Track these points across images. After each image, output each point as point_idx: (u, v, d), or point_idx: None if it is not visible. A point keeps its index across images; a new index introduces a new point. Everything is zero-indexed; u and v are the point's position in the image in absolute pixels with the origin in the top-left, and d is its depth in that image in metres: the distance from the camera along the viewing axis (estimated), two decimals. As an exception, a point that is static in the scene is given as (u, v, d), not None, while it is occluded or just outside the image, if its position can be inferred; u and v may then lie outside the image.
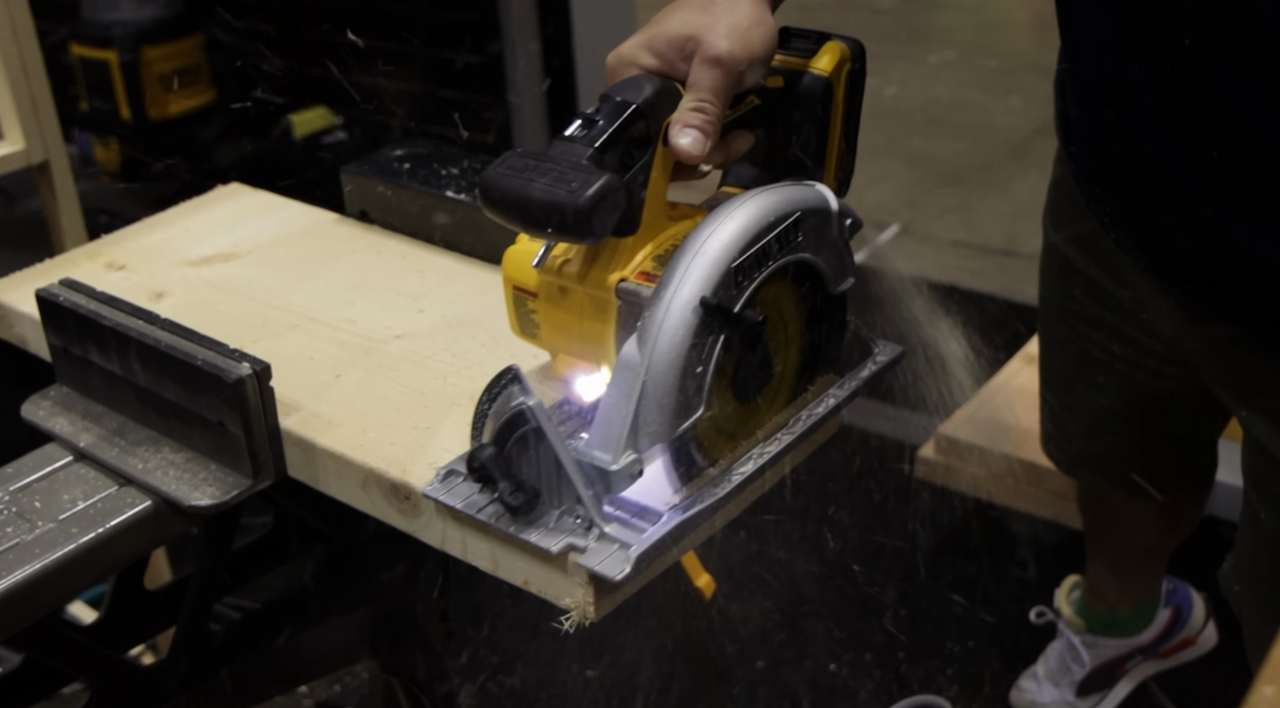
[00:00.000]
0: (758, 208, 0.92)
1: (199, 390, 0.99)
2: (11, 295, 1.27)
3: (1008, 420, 2.43)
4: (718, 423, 0.95)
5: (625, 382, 0.87)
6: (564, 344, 0.99)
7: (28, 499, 1.02)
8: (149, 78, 3.78)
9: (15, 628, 0.96)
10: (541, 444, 0.87)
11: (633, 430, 0.87)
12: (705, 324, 0.87)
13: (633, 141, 0.91)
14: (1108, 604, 2.11)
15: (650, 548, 0.87)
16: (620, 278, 0.93)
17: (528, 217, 0.88)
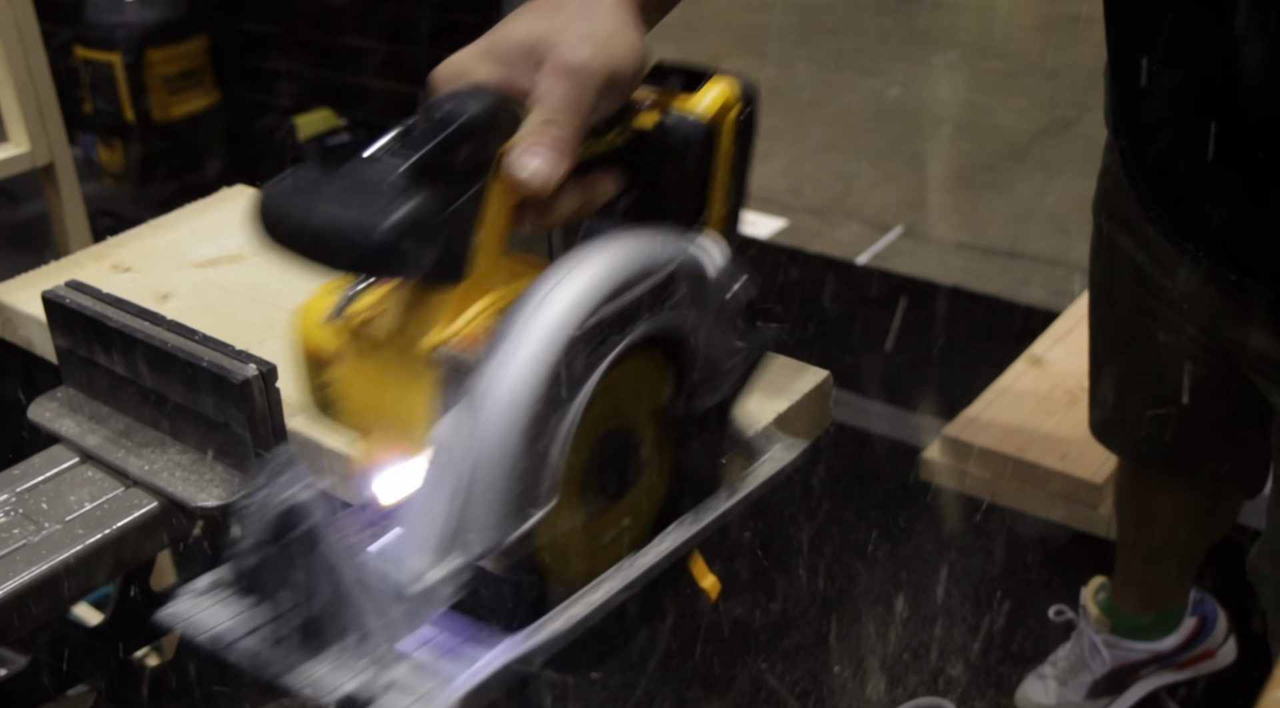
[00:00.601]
0: (613, 259, 0.71)
1: (205, 392, 0.99)
2: (16, 297, 1.27)
3: (1013, 422, 2.43)
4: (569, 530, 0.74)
5: (444, 461, 0.67)
6: (372, 423, 0.78)
7: (34, 501, 1.02)
8: (153, 80, 3.79)
9: (22, 629, 0.96)
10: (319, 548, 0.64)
11: (456, 529, 0.66)
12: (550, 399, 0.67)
13: (459, 167, 0.73)
14: (1135, 605, 2.10)
15: (469, 696, 0.66)
16: (440, 341, 0.73)
17: (314, 245, 0.70)
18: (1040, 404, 2.48)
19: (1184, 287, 1.41)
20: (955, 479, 2.44)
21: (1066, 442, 2.37)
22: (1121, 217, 1.50)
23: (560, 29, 0.79)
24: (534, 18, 0.81)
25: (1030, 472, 2.34)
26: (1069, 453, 2.33)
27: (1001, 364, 2.64)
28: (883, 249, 3.83)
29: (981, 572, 2.57)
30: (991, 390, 2.54)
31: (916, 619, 2.45)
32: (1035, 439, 2.38)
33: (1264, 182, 1.15)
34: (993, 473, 2.38)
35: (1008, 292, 3.57)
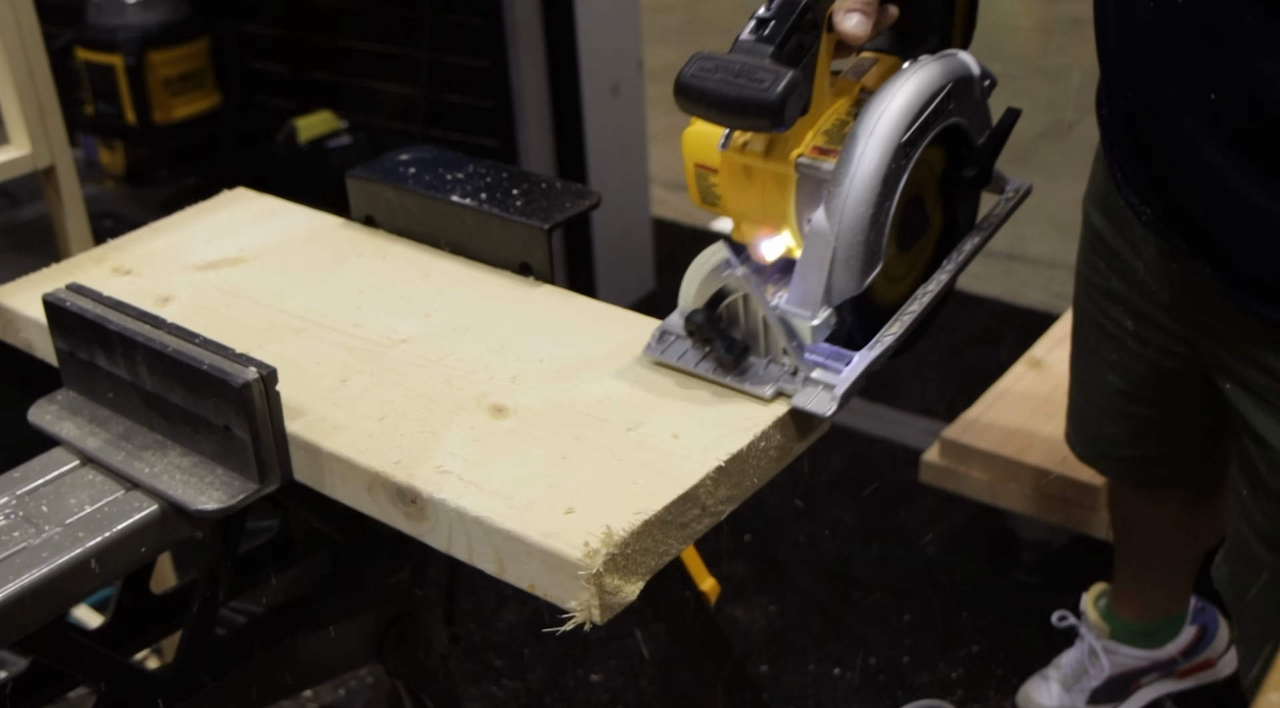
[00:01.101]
0: (917, 86, 1.04)
1: (205, 395, 1.00)
2: (18, 300, 1.27)
3: (1012, 424, 2.43)
4: (887, 271, 1.07)
5: (817, 249, 1.02)
6: (748, 213, 1.10)
7: (35, 503, 1.02)
8: (154, 82, 3.79)
9: (22, 632, 0.96)
10: (749, 306, 1.03)
11: (826, 290, 1.02)
12: (883, 192, 1.01)
13: (803, 32, 1.01)
14: (1133, 612, 2.10)
15: (850, 386, 1.02)
16: (799, 154, 1.04)
17: (727, 113, 1.00)
18: (1040, 407, 2.48)
19: (1151, 266, 1.43)
20: (955, 482, 2.44)
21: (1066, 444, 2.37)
22: (1102, 200, 1.52)
23: None
24: None
25: (1030, 474, 2.34)
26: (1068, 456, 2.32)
27: (1001, 367, 2.64)
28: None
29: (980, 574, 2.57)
30: (991, 393, 2.54)
31: (915, 622, 2.46)
32: (1035, 442, 2.38)
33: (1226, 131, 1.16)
34: (992, 476, 2.38)
35: (1008, 294, 3.57)
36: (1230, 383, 1.36)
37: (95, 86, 3.84)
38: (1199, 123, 1.18)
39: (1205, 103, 1.17)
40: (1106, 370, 1.64)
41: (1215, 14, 1.13)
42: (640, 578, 0.92)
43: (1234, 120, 1.16)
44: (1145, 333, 1.53)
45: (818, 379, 1.02)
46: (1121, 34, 1.26)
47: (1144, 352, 1.55)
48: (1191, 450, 1.72)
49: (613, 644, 2.41)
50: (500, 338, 1.16)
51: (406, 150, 1.40)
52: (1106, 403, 1.68)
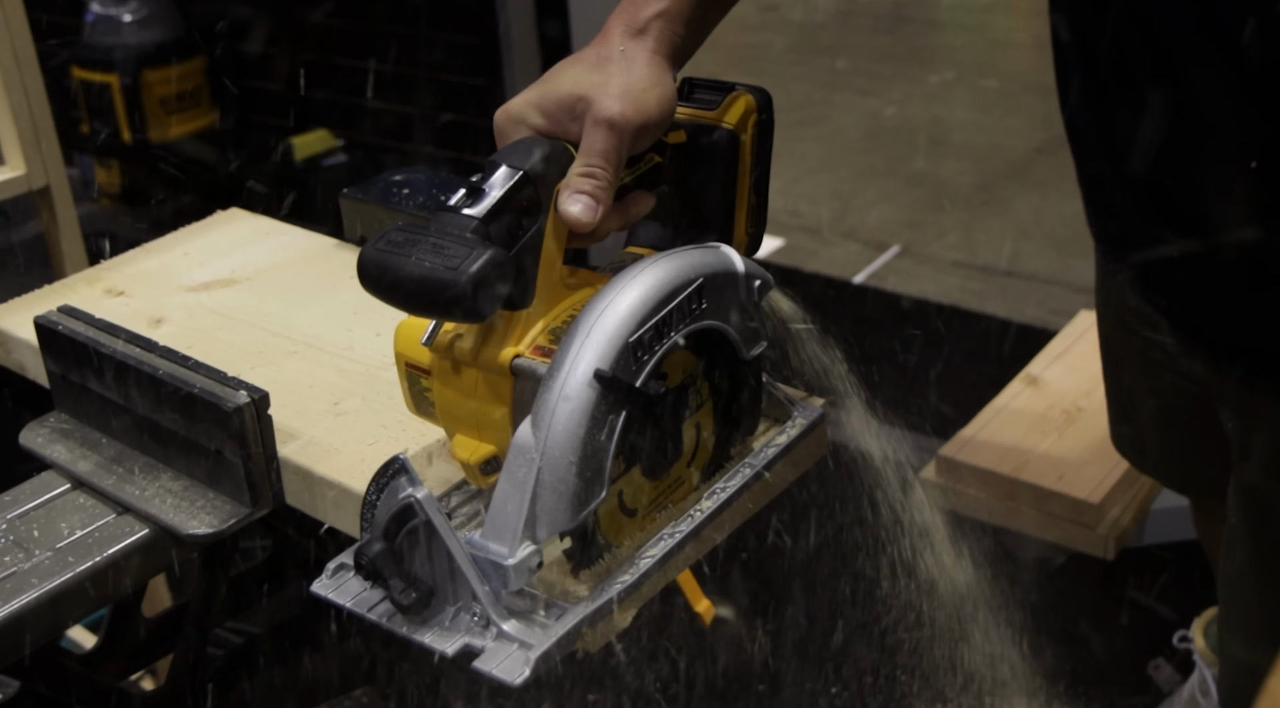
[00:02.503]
0: (656, 277, 0.87)
1: (197, 418, 0.99)
2: (10, 322, 1.27)
3: (1009, 442, 2.43)
4: (624, 503, 0.90)
5: (520, 469, 0.83)
6: (461, 424, 0.93)
7: (25, 527, 1.02)
8: (150, 101, 3.80)
9: (13, 656, 0.96)
10: (433, 538, 0.84)
11: (529, 521, 0.83)
12: (603, 401, 0.83)
13: (522, 210, 0.87)
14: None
15: (552, 647, 0.84)
16: (514, 354, 0.87)
17: (409, 296, 0.84)
18: (1037, 424, 2.48)
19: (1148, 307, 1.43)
20: (951, 500, 2.43)
21: (1063, 462, 2.36)
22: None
23: (601, 85, 0.91)
24: (580, 71, 0.93)
25: (1027, 492, 2.33)
26: (1066, 473, 2.33)
27: (998, 384, 2.64)
28: (879, 268, 3.83)
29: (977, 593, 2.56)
30: (988, 410, 2.54)
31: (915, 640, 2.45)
32: (1032, 459, 2.37)
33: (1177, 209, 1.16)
34: (989, 493, 2.37)
35: (1004, 311, 3.57)
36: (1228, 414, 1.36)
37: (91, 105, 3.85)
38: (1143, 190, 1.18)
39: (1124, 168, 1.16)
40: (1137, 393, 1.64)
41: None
42: (633, 605, 0.92)
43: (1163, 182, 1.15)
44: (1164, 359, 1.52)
45: (513, 635, 0.84)
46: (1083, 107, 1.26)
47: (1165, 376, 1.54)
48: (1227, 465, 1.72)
49: (609, 663, 2.40)
50: (493, 360, 1.15)
51: (400, 171, 1.40)
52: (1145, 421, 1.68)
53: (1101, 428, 2.43)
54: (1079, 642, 2.41)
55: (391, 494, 0.84)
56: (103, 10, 3.81)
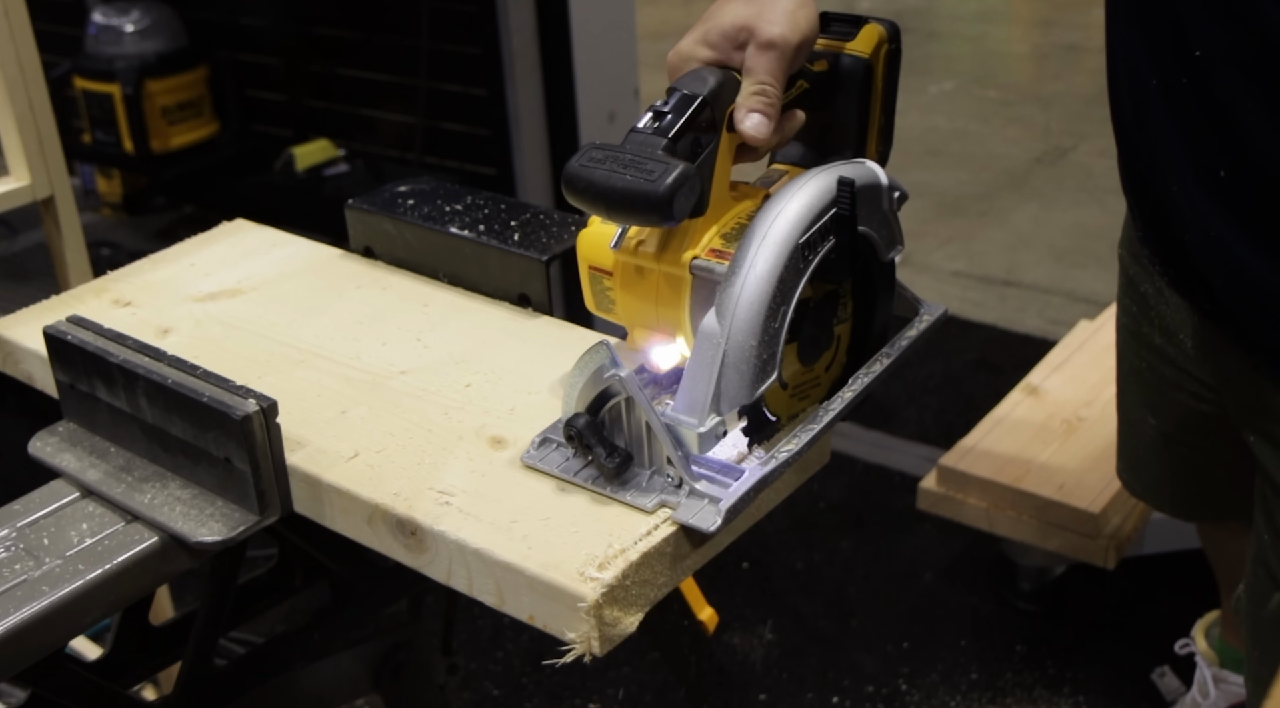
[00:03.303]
0: (818, 187, 0.98)
1: (206, 427, 1.00)
2: (18, 332, 1.28)
3: (1010, 451, 2.43)
4: (788, 384, 1.02)
5: (706, 352, 0.95)
6: (641, 318, 1.05)
7: (35, 536, 1.02)
8: (152, 111, 3.81)
9: (22, 665, 0.96)
10: (633, 412, 0.95)
11: (715, 396, 0.95)
12: (777, 297, 0.95)
13: (700, 130, 0.98)
14: (1240, 638, 2.09)
15: (738, 501, 0.94)
16: (693, 256, 1.00)
17: (613, 205, 0.95)
18: (1037, 434, 2.48)
19: (1177, 316, 1.43)
20: (952, 509, 2.44)
21: (1064, 471, 2.37)
22: (1131, 245, 1.51)
23: (758, 14, 1.02)
24: (736, 4, 1.03)
25: (1028, 502, 2.34)
26: (1066, 483, 2.34)
27: (998, 393, 2.64)
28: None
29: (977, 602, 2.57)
30: (988, 420, 2.54)
31: (914, 649, 2.45)
32: (1032, 469, 2.38)
33: (1229, 206, 1.16)
34: (990, 503, 2.38)
35: (1004, 320, 3.58)
36: (1253, 435, 1.36)
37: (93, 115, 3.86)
38: (1206, 197, 1.17)
39: (1214, 179, 1.16)
40: (1146, 412, 1.64)
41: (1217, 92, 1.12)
42: (639, 609, 0.92)
43: (1240, 198, 1.15)
44: (1178, 378, 1.52)
45: (703, 492, 0.95)
46: (1133, 106, 1.26)
47: (1178, 397, 1.54)
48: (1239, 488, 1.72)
49: (610, 673, 2.40)
50: (499, 369, 1.16)
51: (405, 182, 1.41)
52: (1149, 442, 1.68)
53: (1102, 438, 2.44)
54: (1081, 651, 2.42)
55: (596, 375, 0.95)
56: (104, 20, 3.82)
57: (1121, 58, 1.27)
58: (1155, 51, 1.18)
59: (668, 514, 0.94)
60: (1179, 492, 1.73)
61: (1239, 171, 1.14)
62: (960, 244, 4.06)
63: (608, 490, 0.96)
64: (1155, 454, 1.69)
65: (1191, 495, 1.73)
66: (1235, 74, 1.10)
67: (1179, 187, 1.21)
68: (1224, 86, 1.11)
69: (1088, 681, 2.35)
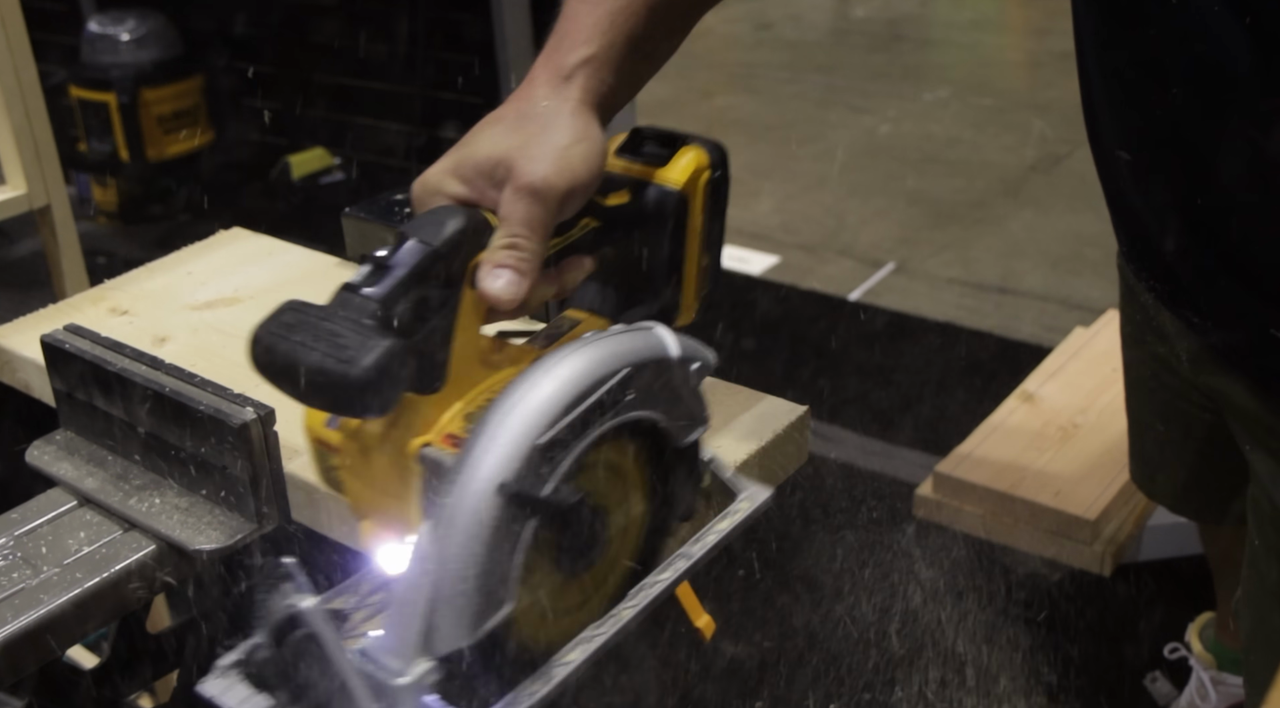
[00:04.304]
0: (572, 371, 0.77)
1: (203, 435, 1.00)
2: (15, 341, 1.28)
3: (1005, 458, 2.44)
4: (540, 606, 0.80)
5: (416, 576, 0.74)
6: (370, 508, 0.85)
7: (32, 544, 1.02)
8: (147, 119, 3.81)
9: (20, 673, 0.96)
10: (320, 651, 0.74)
11: (425, 636, 0.73)
12: (505, 515, 0.73)
13: (432, 289, 0.79)
14: (1237, 640, 2.09)
15: None
16: (423, 442, 0.80)
17: (299, 388, 0.76)
18: (1033, 441, 2.49)
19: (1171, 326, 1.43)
20: (948, 516, 2.44)
21: (1059, 478, 2.37)
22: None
23: (521, 147, 0.84)
24: (499, 132, 0.86)
25: (1023, 508, 2.34)
26: (1062, 490, 2.34)
27: (994, 400, 2.65)
28: (875, 285, 3.84)
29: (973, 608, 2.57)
30: (984, 427, 2.55)
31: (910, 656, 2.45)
32: (1028, 476, 2.39)
33: (1206, 218, 1.17)
34: (985, 510, 2.38)
35: (999, 328, 3.58)
36: (1248, 445, 1.36)
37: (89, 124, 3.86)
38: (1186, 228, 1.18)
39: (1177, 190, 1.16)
40: (1154, 418, 1.64)
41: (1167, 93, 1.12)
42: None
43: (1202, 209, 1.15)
44: (1180, 387, 1.53)
45: None
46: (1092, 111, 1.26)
47: (1182, 405, 1.55)
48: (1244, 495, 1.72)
49: (607, 681, 2.40)
50: (496, 377, 1.16)
51: (401, 190, 1.41)
52: (1158, 444, 1.68)
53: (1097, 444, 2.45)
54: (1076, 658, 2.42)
55: (279, 597, 0.75)
56: (100, 29, 3.82)
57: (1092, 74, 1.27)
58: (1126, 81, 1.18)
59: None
60: (1190, 493, 1.74)
61: (1198, 180, 1.14)
62: (955, 251, 4.06)
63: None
64: (1164, 456, 1.69)
65: (1202, 498, 1.73)
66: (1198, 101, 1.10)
67: (1155, 213, 1.21)
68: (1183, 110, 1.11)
69: (1083, 687, 2.35)
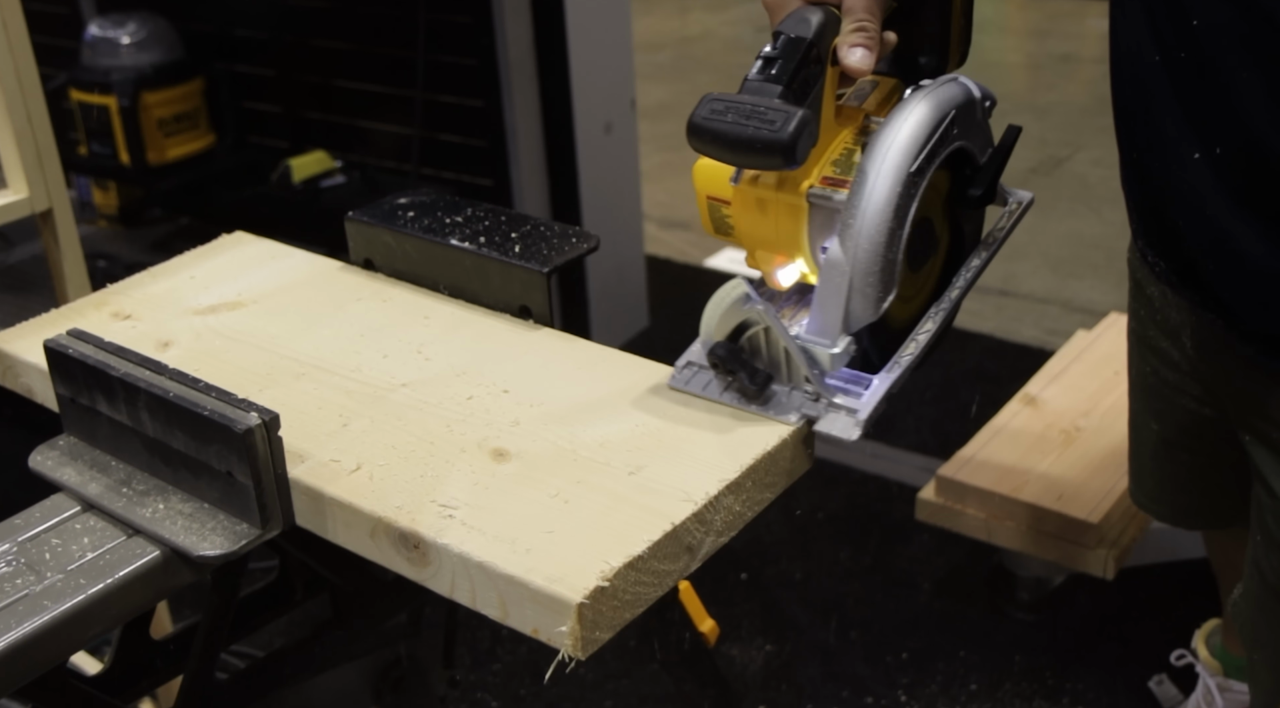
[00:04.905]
0: (922, 116, 1.07)
1: (207, 440, 1.00)
2: (18, 346, 1.27)
3: (1008, 462, 2.43)
4: (900, 292, 1.10)
5: (834, 280, 1.06)
6: (760, 242, 1.14)
7: (36, 550, 1.02)
8: (148, 123, 3.80)
9: (24, 680, 0.96)
10: (771, 338, 1.04)
11: (845, 319, 1.06)
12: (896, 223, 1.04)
13: (809, 69, 1.05)
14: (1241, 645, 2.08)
15: (873, 410, 1.05)
16: (810, 185, 1.08)
17: (740, 154, 1.03)
18: (1035, 444, 2.49)
19: (1178, 316, 1.43)
20: (951, 519, 2.44)
21: (1062, 482, 2.37)
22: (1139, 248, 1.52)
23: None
24: None
25: (1026, 512, 2.34)
26: (1065, 493, 2.34)
27: (996, 403, 2.64)
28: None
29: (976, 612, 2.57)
30: (986, 430, 2.54)
31: (913, 660, 2.45)
32: (1031, 479, 2.38)
33: (1228, 182, 1.17)
34: (988, 513, 2.38)
35: (1001, 330, 3.58)
36: (1248, 435, 1.36)
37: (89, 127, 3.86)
38: (1204, 177, 1.19)
39: (1210, 157, 1.18)
40: (1150, 418, 1.64)
41: (1217, 68, 1.14)
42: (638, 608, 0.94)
43: (1236, 174, 1.17)
44: (1180, 382, 1.53)
45: (840, 404, 1.05)
46: (1134, 87, 1.27)
47: (1181, 401, 1.55)
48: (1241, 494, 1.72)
49: (608, 685, 2.40)
50: (501, 381, 1.16)
51: (404, 194, 1.41)
52: (1152, 450, 1.68)
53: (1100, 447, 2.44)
54: (1079, 662, 2.42)
55: (736, 305, 1.02)
56: (101, 33, 3.82)
57: (1124, 38, 1.28)
58: (1156, 27, 1.21)
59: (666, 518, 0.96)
60: (1180, 500, 1.73)
61: (1235, 147, 1.16)
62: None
63: (753, 408, 1.06)
64: (1158, 462, 1.69)
65: (1192, 503, 1.73)
66: (1233, 47, 1.12)
67: (1177, 165, 1.22)
68: (1221, 60, 1.14)
69: (1086, 691, 2.35)
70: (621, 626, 0.93)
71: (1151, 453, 1.69)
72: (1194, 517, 1.80)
